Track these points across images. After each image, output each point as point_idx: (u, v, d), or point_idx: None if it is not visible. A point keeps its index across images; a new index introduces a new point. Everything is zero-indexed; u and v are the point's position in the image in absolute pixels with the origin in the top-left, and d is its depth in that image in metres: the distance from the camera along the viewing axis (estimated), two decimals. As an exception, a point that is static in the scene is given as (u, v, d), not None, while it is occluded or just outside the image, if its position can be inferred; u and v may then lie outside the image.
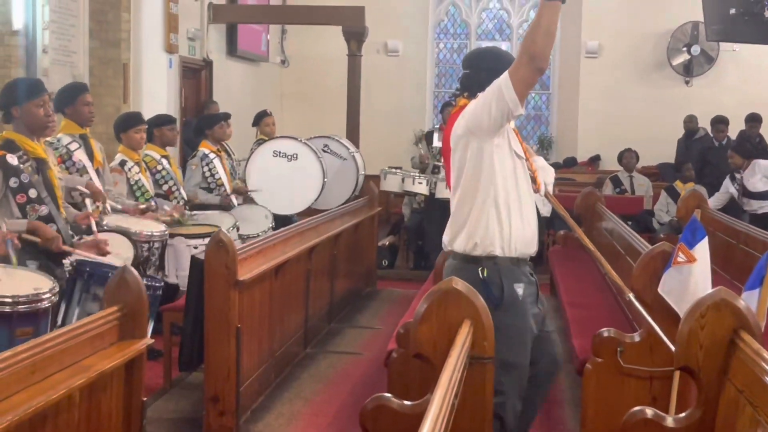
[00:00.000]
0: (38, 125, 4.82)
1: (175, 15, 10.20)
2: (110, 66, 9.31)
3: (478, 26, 15.22)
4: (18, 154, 4.75)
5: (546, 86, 15.11)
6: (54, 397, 2.95)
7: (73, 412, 3.19)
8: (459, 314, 3.28)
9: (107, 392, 3.46)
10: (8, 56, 7.88)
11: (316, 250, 6.85)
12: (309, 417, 5.40)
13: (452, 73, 15.37)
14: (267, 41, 13.82)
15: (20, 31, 7.97)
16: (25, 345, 3.02)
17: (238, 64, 12.85)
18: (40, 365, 3.01)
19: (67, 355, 3.20)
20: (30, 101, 4.77)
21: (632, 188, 11.35)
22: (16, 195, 4.70)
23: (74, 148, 6.01)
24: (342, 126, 11.59)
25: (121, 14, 9.29)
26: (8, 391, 2.82)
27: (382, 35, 13.82)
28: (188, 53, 10.99)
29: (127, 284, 3.67)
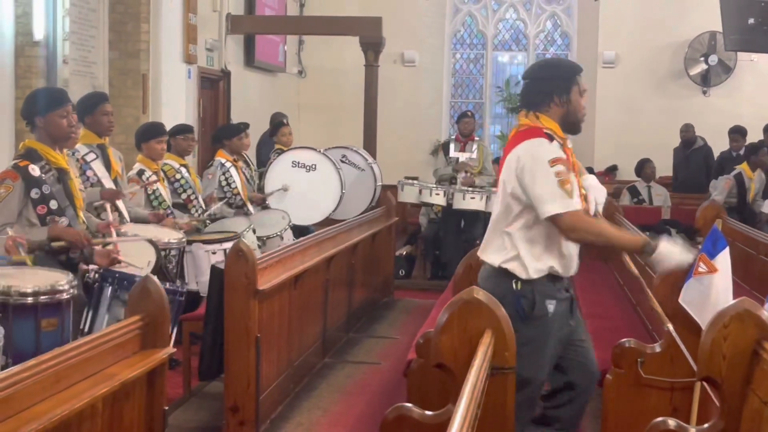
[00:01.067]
0: (61, 135, 4.84)
1: (194, 26, 10.26)
2: (129, 76, 9.36)
3: (495, 36, 15.23)
4: (40, 164, 4.77)
5: (563, 96, 15.08)
6: (77, 406, 2.96)
7: (96, 421, 3.21)
8: (480, 324, 3.29)
9: (130, 401, 3.47)
10: (29, 67, 7.93)
11: (334, 260, 6.86)
12: (328, 427, 5.41)
13: (468, 83, 15.39)
14: (284, 52, 13.88)
15: (41, 42, 8.02)
16: (49, 354, 3.04)
17: (256, 75, 12.90)
18: (63, 374, 3.02)
19: (91, 364, 3.22)
20: (53, 111, 4.79)
21: (650, 198, 11.32)
22: (36, 206, 4.70)
23: (91, 159, 5.96)
24: (359, 136, 11.61)
25: (140, 25, 9.33)
26: (32, 400, 2.83)
27: (398, 46, 13.85)
28: (206, 64, 11.04)
29: (149, 294, 3.68)
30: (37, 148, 4.81)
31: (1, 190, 4.62)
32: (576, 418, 4.22)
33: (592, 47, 14.43)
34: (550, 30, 15.10)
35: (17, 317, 3.74)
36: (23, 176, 4.68)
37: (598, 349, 5.22)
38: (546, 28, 15.08)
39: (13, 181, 4.65)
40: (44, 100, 4.87)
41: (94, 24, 8.88)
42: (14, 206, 4.63)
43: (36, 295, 3.80)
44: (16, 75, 7.84)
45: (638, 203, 11.23)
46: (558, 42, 15.10)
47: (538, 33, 15.08)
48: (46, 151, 4.82)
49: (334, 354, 6.94)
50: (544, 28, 15.06)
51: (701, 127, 12.39)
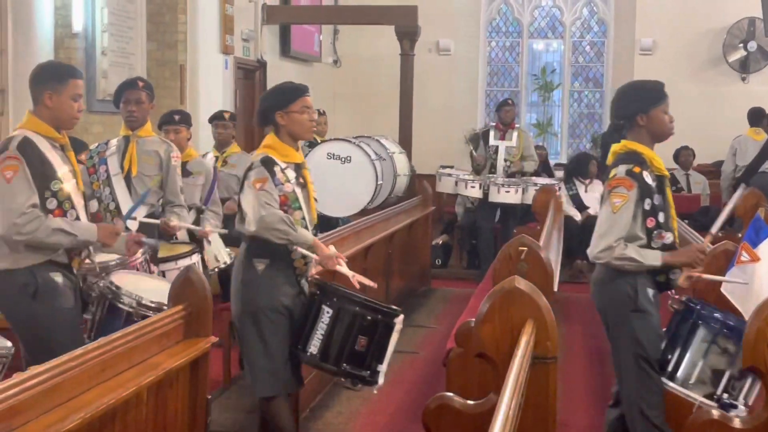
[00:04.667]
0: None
1: (231, 16, 10.29)
2: (167, 67, 9.42)
3: (530, 24, 15.12)
4: None
5: (599, 84, 14.99)
6: (123, 394, 3.01)
7: (141, 410, 3.25)
8: (522, 314, 3.28)
9: (173, 390, 3.51)
10: (68, 59, 8.00)
11: (372, 250, 6.88)
12: (367, 415, 5.43)
13: (504, 71, 15.31)
14: (320, 41, 13.88)
15: (80, 33, 8.10)
16: (95, 343, 3.09)
17: (292, 65, 12.92)
18: (110, 363, 3.07)
19: (136, 354, 3.26)
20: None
21: (689, 186, 11.23)
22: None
23: (111, 152, 5.38)
24: (394, 125, 11.60)
25: (177, 16, 9.39)
26: (80, 389, 2.88)
27: (433, 34, 13.79)
28: (243, 54, 11.08)
29: (192, 284, 3.72)
30: None
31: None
32: None
33: (629, 34, 14.30)
34: (587, 17, 14.97)
35: None
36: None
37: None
38: (582, 15, 14.94)
39: None
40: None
41: (132, 15, 8.94)
42: None
43: None
44: (56, 67, 7.91)
45: (677, 191, 11.13)
46: (595, 29, 14.98)
47: (574, 20, 14.96)
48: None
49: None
50: (580, 15, 14.92)
51: (740, 113, 12.25)
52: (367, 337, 4.00)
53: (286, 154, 4.16)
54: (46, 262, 3.86)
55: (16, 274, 3.82)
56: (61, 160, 3.95)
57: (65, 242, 3.84)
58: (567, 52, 14.98)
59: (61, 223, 3.83)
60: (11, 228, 3.74)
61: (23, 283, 3.80)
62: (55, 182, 3.88)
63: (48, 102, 3.91)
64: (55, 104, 3.92)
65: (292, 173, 4.13)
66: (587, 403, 5.80)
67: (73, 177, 4.00)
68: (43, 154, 3.86)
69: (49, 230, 3.77)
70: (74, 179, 4.01)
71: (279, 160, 4.11)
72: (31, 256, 3.82)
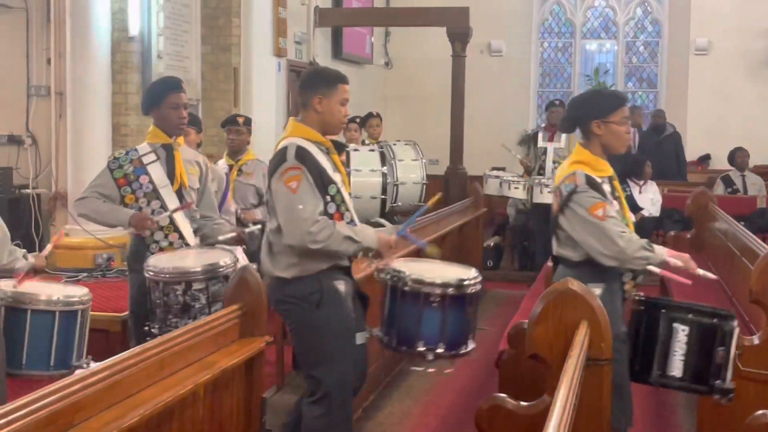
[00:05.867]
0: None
1: (284, 19, 10.38)
2: (221, 70, 9.53)
3: (583, 24, 15.04)
4: None
5: (653, 84, 14.85)
6: (181, 392, 3.05)
7: (197, 408, 3.30)
8: (576, 315, 3.28)
9: (229, 389, 3.56)
10: (125, 62, 8.12)
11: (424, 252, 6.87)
12: (419, 416, 5.45)
13: (556, 72, 15.24)
14: (371, 43, 13.94)
15: (136, 37, 8.21)
16: (154, 342, 3.14)
17: (343, 67, 12.94)
18: (168, 361, 3.12)
19: (193, 352, 3.31)
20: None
21: (744, 188, 11.07)
22: None
23: (149, 161, 4.74)
24: (445, 127, 11.62)
25: (231, 20, 9.50)
26: (139, 386, 2.93)
27: (485, 35, 13.77)
28: (295, 57, 11.17)
29: (247, 284, 3.77)
30: None
31: None
32: None
33: (684, 34, 14.14)
34: (641, 17, 14.85)
35: None
36: None
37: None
38: (636, 15, 14.83)
39: None
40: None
41: (187, 19, 9.06)
42: None
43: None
44: (113, 70, 8.04)
45: (732, 193, 10.98)
46: (648, 29, 14.85)
47: (627, 20, 14.85)
48: None
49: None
50: (634, 15, 14.81)
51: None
52: (724, 347, 3.76)
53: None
54: (332, 267, 3.88)
55: (303, 282, 3.84)
56: (329, 163, 3.96)
57: (351, 250, 3.86)
58: (620, 52, 14.87)
59: (348, 230, 3.83)
60: (305, 237, 3.72)
61: (309, 292, 3.83)
62: (332, 186, 3.88)
63: (317, 107, 3.93)
64: (325, 109, 3.93)
65: None
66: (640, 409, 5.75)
67: (341, 179, 4.00)
68: (317, 160, 3.88)
69: (340, 238, 3.78)
70: (342, 182, 4.01)
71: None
72: (319, 263, 3.84)
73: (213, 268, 4.22)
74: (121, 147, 5.36)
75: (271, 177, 3.89)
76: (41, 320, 4.07)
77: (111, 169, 4.72)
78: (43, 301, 4.08)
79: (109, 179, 4.70)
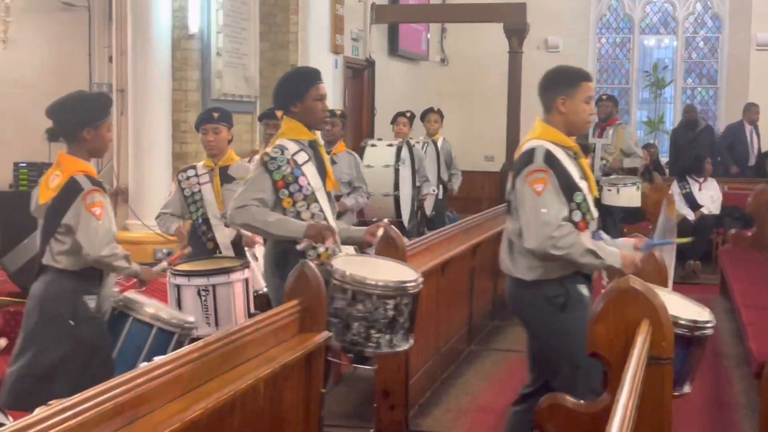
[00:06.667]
0: None
1: (341, 16, 10.43)
2: (279, 67, 9.59)
3: (642, 20, 14.87)
4: None
5: (713, 80, 14.62)
6: (242, 386, 3.08)
7: (258, 402, 3.33)
8: (637, 313, 3.24)
9: (289, 383, 3.58)
10: (185, 59, 8.23)
11: (480, 248, 6.87)
12: (476, 413, 5.44)
13: (614, 68, 15.09)
14: (427, 40, 13.93)
15: (196, 35, 8.32)
16: (216, 336, 3.18)
17: (399, 64, 13.00)
18: (229, 355, 3.15)
19: (253, 347, 3.34)
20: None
21: (807, 185, 10.86)
22: None
23: (302, 160, 4.39)
24: (501, 124, 11.57)
25: (289, 17, 9.58)
26: (202, 379, 2.96)
27: (542, 31, 13.69)
28: (351, 53, 11.20)
29: (307, 279, 3.79)
30: None
31: None
32: None
33: (745, 29, 13.91)
34: (700, 12, 14.63)
35: None
36: None
37: (755, 340, 5.10)
38: (696, 11, 14.61)
39: None
40: None
41: (246, 17, 9.13)
42: None
43: None
44: (173, 67, 8.15)
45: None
46: (708, 24, 14.63)
47: (687, 15, 14.64)
48: None
49: (479, 341, 6.96)
50: (694, 10, 14.59)
51: None
52: None
53: None
54: (574, 273, 3.83)
55: (545, 285, 3.80)
56: (577, 169, 3.86)
57: (593, 264, 3.76)
58: (680, 48, 14.67)
59: (591, 244, 3.73)
60: (547, 241, 3.67)
61: (553, 295, 3.79)
62: (578, 194, 3.78)
63: (561, 108, 3.85)
64: (569, 109, 3.85)
65: None
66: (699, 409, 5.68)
67: (588, 187, 3.87)
68: (564, 166, 3.78)
69: (582, 249, 3.69)
70: (589, 190, 3.88)
71: None
72: (562, 267, 3.79)
73: (419, 279, 4.10)
74: (271, 146, 4.30)
75: (516, 178, 3.82)
76: (139, 330, 4.12)
77: (270, 171, 4.27)
78: (148, 313, 4.13)
79: (268, 182, 4.27)
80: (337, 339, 3.88)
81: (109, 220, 4.12)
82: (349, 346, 3.90)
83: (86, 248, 4.02)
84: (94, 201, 4.04)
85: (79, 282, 4.12)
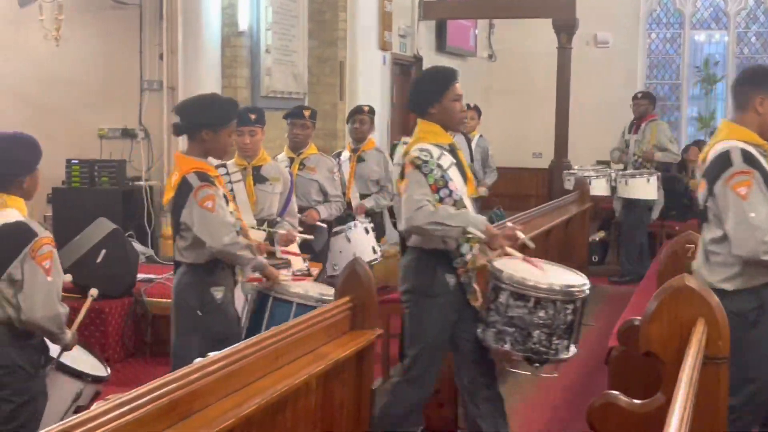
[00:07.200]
0: None
1: (389, 13, 10.43)
2: (327, 64, 9.63)
3: (693, 15, 14.67)
4: None
5: None
6: (295, 382, 3.10)
7: (310, 398, 3.35)
8: (692, 312, 3.21)
9: (340, 380, 3.60)
10: (234, 57, 8.28)
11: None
12: (527, 413, 5.41)
13: (664, 64, 14.91)
14: (475, 36, 13.88)
15: (245, 32, 8.37)
16: (270, 332, 3.20)
17: (446, 60, 12.93)
18: (282, 351, 3.17)
19: (306, 343, 3.36)
20: None
21: None
22: None
23: (447, 164, 4.18)
24: (550, 120, 11.50)
25: (338, 14, 9.60)
26: (256, 375, 2.99)
27: (591, 27, 13.55)
28: (399, 50, 11.20)
29: (358, 276, 3.80)
30: None
31: None
32: None
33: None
34: (752, 7, 14.39)
35: None
36: None
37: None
38: (748, 5, 14.38)
39: None
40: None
41: (295, 14, 9.17)
42: None
43: None
44: (223, 65, 8.20)
45: None
46: (761, 19, 14.39)
47: (739, 10, 14.41)
48: None
49: (529, 339, 6.91)
50: (745, 5, 14.36)
51: None
52: None
53: None
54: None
55: (743, 297, 3.70)
56: None
57: None
58: (731, 43, 14.45)
59: None
60: (759, 247, 3.57)
61: (749, 308, 3.69)
62: None
63: (759, 108, 3.74)
64: (766, 109, 3.75)
65: None
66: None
67: None
68: (764, 165, 3.66)
69: None
70: None
71: None
72: (762, 275, 3.69)
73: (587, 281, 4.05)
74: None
75: (713, 183, 3.68)
76: (281, 309, 4.24)
77: (424, 173, 4.06)
78: (287, 291, 4.28)
79: (426, 184, 4.06)
80: (515, 348, 3.86)
81: (223, 211, 4.16)
82: (531, 355, 3.87)
83: (208, 242, 4.10)
84: (206, 195, 4.12)
85: (205, 274, 4.22)
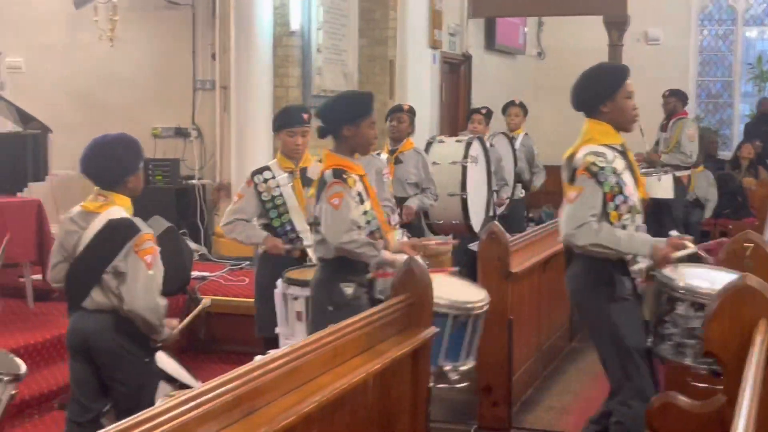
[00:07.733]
0: None
1: (439, 11, 10.42)
2: (377, 63, 9.65)
3: (746, 11, 14.47)
4: None
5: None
6: (354, 380, 3.12)
7: (367, 396, 3.37)
8: (754, 312, 3.17)
9: (396, 377, 3.61)
10: (286, 56, 8.33)
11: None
12: (580, 412, 5.37)
13: (717, 60, 14.73)
14: (524, 33, 13.82)
15: (297, 32, 8.41)
16: (327, 330, 3.22)
17: (495, 58, 12.92)
18: (340, 349, 3.19)
19: (363, 341, 3.38)
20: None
21: None
22: None
23: (621, 168, 3.97)
24: (601, 118, 11.38)
25: (388, 12, 9.61)
26: (315, 373, 3.01)
27: (642, 23, 13.41)
28: (448, 48, 11.18)
29: (414, 275, 3.81)
30: None
31: None
32: None
33: None
34: (807, 2, 14.19)
35: None
36: None
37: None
38: (803, 1, 14.18)
39: None
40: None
41: (345, 13, 9.20)
42: None
43: None
44: (275, 64, 8.25)
45: None
46: (816, 15, 14.18)
47: (793, 5, 14.21)
48: None
49: (581, 338, 6.88)
50: (801, 0, 14.17)
51: None
52: None
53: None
54: None
55: None
56: None
57: None
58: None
59: None
60: None
61: None
62: None
63: None
64: None
65: None
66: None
67: None
68: None
69: None
70: None
71: None
72: None
73: None
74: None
75: None
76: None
77: (600, 182, 3.86)
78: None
79: (600, 195, 3.86)
80: (697, 361, 3.82)
81: (348, 208, 4.12)
82: (716, 367, 3.65)
83: (328, 237, 4.14)
84: (334, 192, 4.13)
85: (335, 270, 4.21)
